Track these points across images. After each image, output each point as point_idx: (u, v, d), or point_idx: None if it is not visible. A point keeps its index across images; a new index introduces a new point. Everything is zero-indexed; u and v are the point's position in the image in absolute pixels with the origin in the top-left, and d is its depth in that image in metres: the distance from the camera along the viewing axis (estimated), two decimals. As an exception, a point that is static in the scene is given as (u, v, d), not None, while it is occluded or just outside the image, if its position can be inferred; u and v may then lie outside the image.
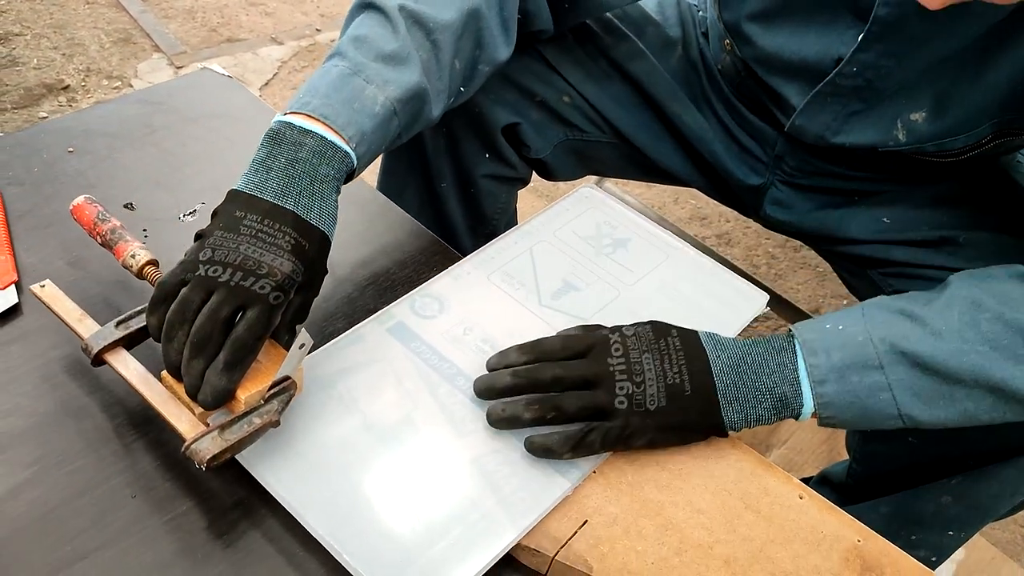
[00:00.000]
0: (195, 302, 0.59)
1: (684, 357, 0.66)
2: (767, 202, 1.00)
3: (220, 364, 0.58)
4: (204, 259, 0.61)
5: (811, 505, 0.66)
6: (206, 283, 0.60)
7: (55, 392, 0.67)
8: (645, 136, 1.00)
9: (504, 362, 0.68)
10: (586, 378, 0.65)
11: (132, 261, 0.70)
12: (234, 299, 0.59)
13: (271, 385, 0.61)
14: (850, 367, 0.66)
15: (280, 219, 0.62)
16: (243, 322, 0.59)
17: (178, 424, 0.60)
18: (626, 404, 0.64)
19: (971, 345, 0.65)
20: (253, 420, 0.60)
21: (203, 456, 0.57)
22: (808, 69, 0.82)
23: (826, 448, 1.44)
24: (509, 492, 0.63)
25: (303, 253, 0.63)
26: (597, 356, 0.66)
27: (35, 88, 1.88)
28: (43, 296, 0.69)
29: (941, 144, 0.81)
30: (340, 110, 0.66)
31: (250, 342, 0.59)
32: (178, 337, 0.59)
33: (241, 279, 0.60)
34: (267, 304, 0.60)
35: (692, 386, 0.65)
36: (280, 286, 0.61)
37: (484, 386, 0.67)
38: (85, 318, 0.67)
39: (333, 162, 0.65)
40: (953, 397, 0.66)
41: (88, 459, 0.63)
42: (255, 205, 0.63)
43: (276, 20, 2.30)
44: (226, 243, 0.61)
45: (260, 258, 0.61)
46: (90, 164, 0.87)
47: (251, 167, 0.65)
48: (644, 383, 0.65)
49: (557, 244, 0.83)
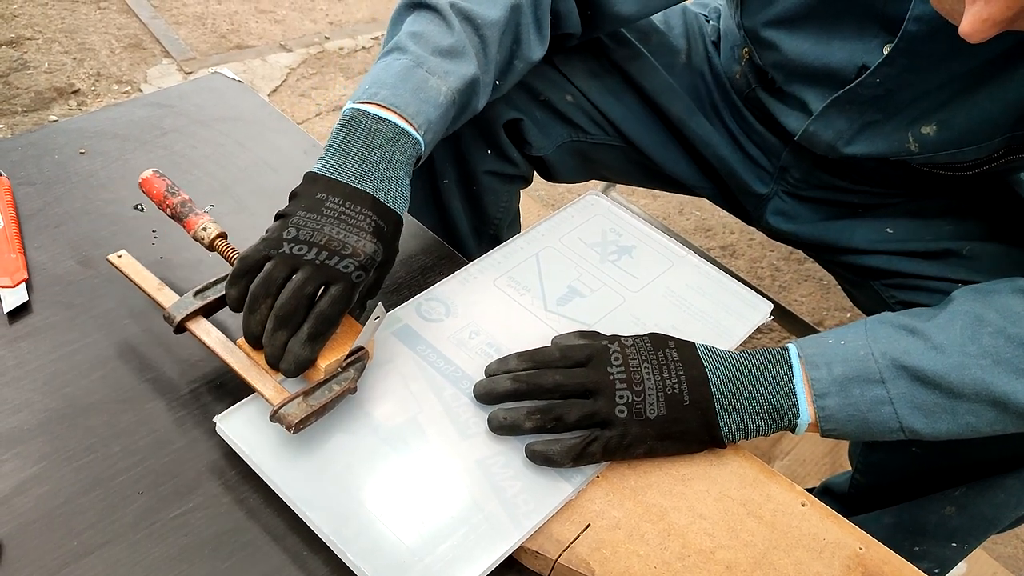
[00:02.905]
0: (279, 277, 0.63)
1: (682, 368, 0.67)
2: (769, 211, 1.01)
3: (304, 336, 0.62)
4: (288, 238, 0.64)
5: (813, 512, 0.66)
6: (291, 260, 0.63)
7: (65, 389, 0.67)
8: (649, 139, 1.00)
9: (504, 368, 0.69)
10: (586, 386, 0.66)
11: (203, 234, 0.73)
12: (319, 276, 0.63)
13: (347, 355, 0.65)
14: (852, 380, 0.67)
15: (360, 202, 0.66)
16: (327, 298, 0.63)
17: (263, 389, 0.63)
18: (626, 413, 0.65)
19: (973, 359, 0.65)
20: (333, 387, 0.64)
21: (291, 420, 0.61)
22: (830, 76, 0.83)
23: (828, 460, 1.44)
24: (513, 495, 0.63)
25: (382, 234, 0.67)
26: (597, 365, 0.67)
27: (45, 92, 1.89)
28: (120, 265, 0.72)
29: (952, 155, 0.82)
30: (409, 100, 0.69)
31: (333, 317, 0.63)
32: (260, 310, 0.63)
33: (326, 258, 0.63)
34: (350, 282, 0.64)
35: (691, 397, 0.66)
36: (362, 265, 0.64)
37: (484, 390, 0.67)
38: (163, 287, 0.70)
39: (405, 148, 0.69)
40: (955, 411, 0.66)
41: (96, 455, 0.64)
42: (335, 188, 0.66)
43: (285, 27, 2.31)
44: (310, 223, 0.65)
45: (344, 239, 0.64)
46: (101, 165, 0.88)
47: (328, 151, 0.68)
48: (644, 392, 0.65)
49: (563, 250, 0.84)
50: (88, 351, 0.71)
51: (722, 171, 1.00)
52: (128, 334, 0.72)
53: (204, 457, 0.65)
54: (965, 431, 0.67)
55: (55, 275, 0.76)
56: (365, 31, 2.37)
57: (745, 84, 0.96)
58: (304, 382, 0.65)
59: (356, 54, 2.28)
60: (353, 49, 2.29)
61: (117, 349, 0.71)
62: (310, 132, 1.97)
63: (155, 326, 0.73)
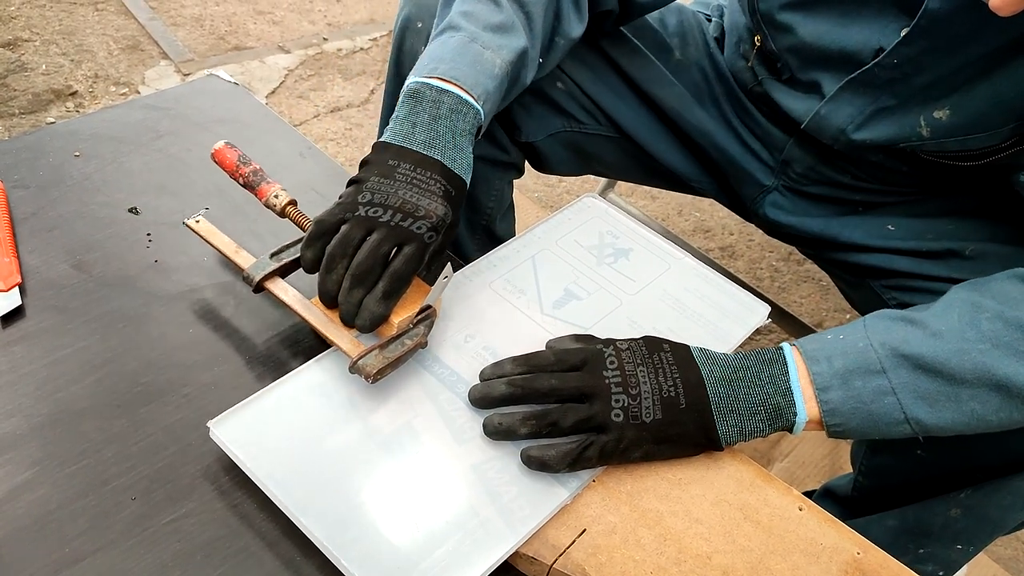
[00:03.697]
0: (356, 238, 0.66)
1: (678, 371, 0.67)
2: (768, 205, 1.00)
3: (379, 293, 0.66)
4: (364, 201, 0.67)
5: (810, 517, 0.66)
6: (366, 222, 0.67)
7: (57, 394, 0.67)
8: (643, 130, 1.00)
9: (499, 372, 0.68)
10: (581, 390, 0.65)
11: (275, 201, 0.76)
12: (394, 237, 0.66)
13: (417, 312, 0.69)
14: (853, 372, 0.67)
15: (430, 167, 0.70)
16: (400, 257, 0.66)
17: (340, 343, 0.67)
18: (622, 417, 0.64)
19: (972, 344, 0.65)
20: (405, 341, 0.68)
21: (370, 371, 0.65)
22: (846, 59, 0.83)
23: (828, 462, 1.43)
24: (508, 500, 0.63)
25: (451, 198, 0.70)
26: (592, 369, 0.66)
27: (43, 94, 1.89)
28: (199, 230, 0.76)
29: (963, 142, 0.81)
30: (467, 72, 0.73)
31: (406, 275, 0.67)
32: (337, 269, 0.66)
33: (400, 220, 0.67)
34: (422, 242, 0.67)
35: (687, 400, 0.65)
36: (434, 227, 0.68)
37: (479, 395, 0.67)
38: (240, 250, 0.74)
39: (468, 118, 0.72)
40: (959, 398, 0.66)
41: (89, 461, 0.63)
42: (406, 155, 0.70)
43: (283, 29, 2.31)
44: (384, 188, 0.68)
45: (417, 202, 0.68)
46: (96, 168, 0.88)
47: (395, 122, 0.72)
48: (640, 395, 0.65)
49: (559, 253, 0.84)
50: (81, 356, 0.70)
51: (721, 162, 0.99)
52: (122, 338, 0.72)
53: (197, 462, 0.64)
54: (971, 421, 0.66)
55: (48, 279, 0.76)
56: (363, 32, 2.37)
57: (751, 77, 0.96)
58: (376, 338, 0.69)
59: (354, 55, 2.27)
60: (351, 50, 2.29)
61: (111, 354, 0.71)
62: (308, 134, 1.97)
63: (152, 328, 0.73)
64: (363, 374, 0.65)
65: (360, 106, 2.09)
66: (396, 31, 0.92)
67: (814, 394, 0.67)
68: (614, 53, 0.96)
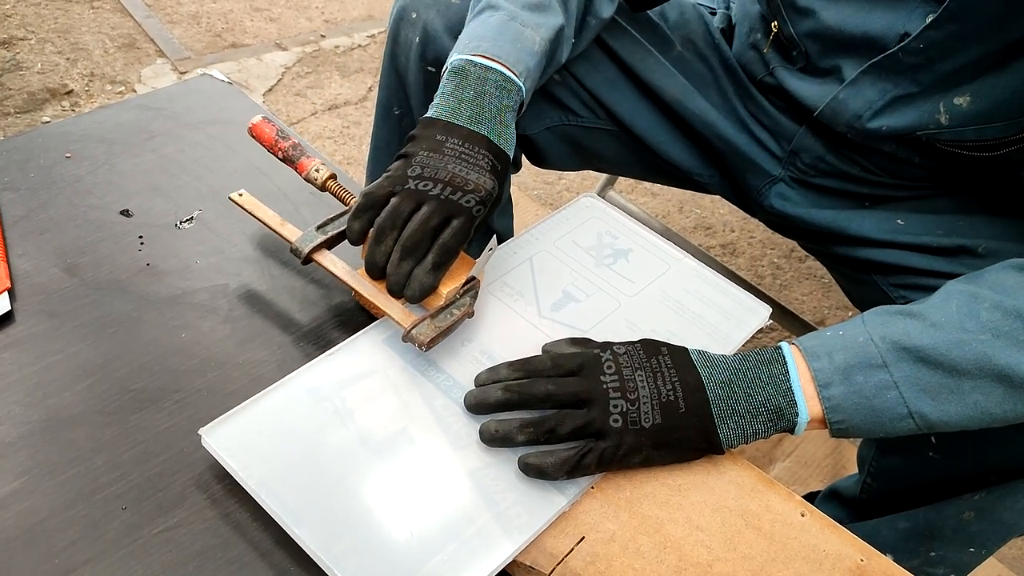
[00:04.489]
0: (405, 211, 0.68)
1: (676, 374, 0.66)
2: (773, 195, 0.99)
3: (428, 265, 0.67)
4: (413, 175, 0.69)
5: (813, 523, 0.65)
6: (416, 195, 0.68)
7: (47, 401, 0.66)
8: (643, 122, 0.99)
9: (494, 378, 0.67)
10: (579, 396, 0.64)
11: (316, 175, 0.78)
12: (443, 210, 0.68)
13: (463, 283, 0.71)
14: (854, 367, 0.66)
15: (478, 142, 0.71)
16: (450, 230, 0.68)
17: (392, 312, 0.69)
18: (620, 422, 0.63)
19: (972, 335, 0.64)
20: (453, 311, 0.70)
21: (424, 339, 0.67)
22: (869, 44, 0.82)
23: (831, 461, 1.42)
24: (505, 507, 0.61)
25: (497, 172, 0.72)
26: (589, 374, 0.65)
27: (38, 93, 1.88)
28: (243, 203, 0.77)
29: (980, 132, 0.80)
30: (509, 50, 0.75)
31: (455, 248, 0.68)
32: (386, 241, 0.68)
33: (450, 193, 0.68)
34: (470, 216, 0.69)
35: (687, 403, 0.64)
36: (482, 200, 0.69)
37: (475, 401, 0.66)
38: (286, 223, 0.75)
39: (511, 95, 0.74)
40: (961, 390, 0.64)
41: (79, 469, 0.62)
42: (454, 130, 0.71)
43: (280, 26, 2.30)
44: (433, 162, 0.70)
45: (466, 176, 0.69)
46: (88, 170, 0.87)
47: (440, 98, 0.73)
48: (639, 400, 0.64)
49: (557, 254, 0.82)
50: (72, 361, 0.69)
51: (726, 152, 0.98)
52: (113, 343, 0.71)
53: (189, 470, 0.63)
54: (976, 414, 0.65)
55: (39, 283, 0.75)
56: (361, 29, 2.35)
57: (762, 67, 0.95)
58: (423, 309, 0.70)
59: (352, 52, 2.26)
60: (349, 47, 2.27)
61: (102, 359, 0.70)
62: (306, 132, 1.95)
63: (144, 333, 0.72)
64: (417, 343, 0.67)
65: (358, 103, 2.08)
66: (391, 23, 0.92)
67: (816, 391, 0.66)
68: (614, 46, 0.95)
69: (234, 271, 0.79)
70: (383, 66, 0.97)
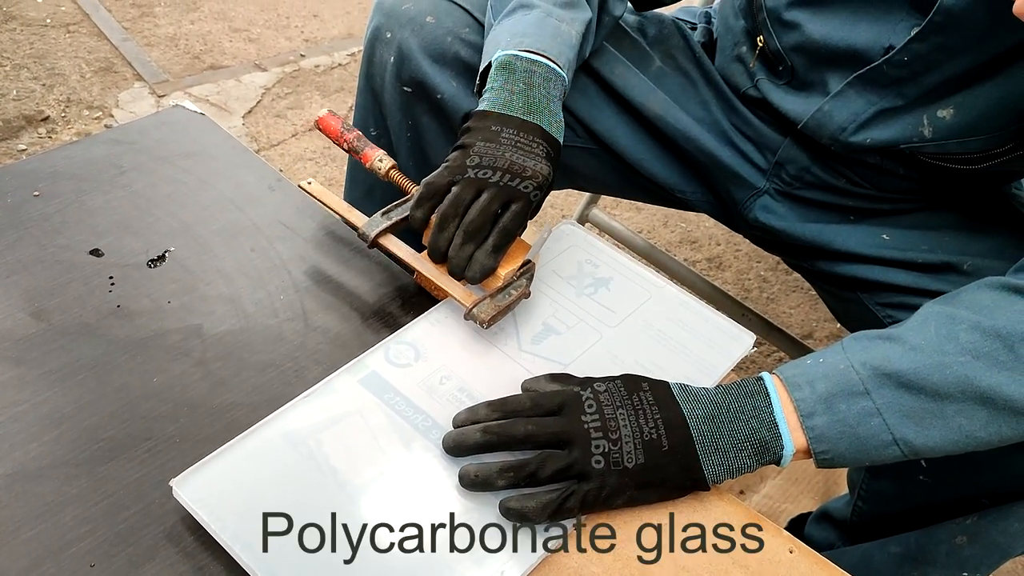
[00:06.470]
0: (467, 198, 0.72)
1: (659, 411, 0.64)
2: (758, 208, 0.98)
3: (489, 247, 0.72)
4: (472, 164, 0.73)
5: (802, 560, 0.63)
6: (476, 183, 0.72)
7: (13, 453, 0.64)
8: (625, 140, 0.98)
9: (473, 418, 0.66)
10: (560, 437, 0.63)
11: (379, 165, 0.83)
12: (503, 196, 0.72)
13: (520, 265, 0.75)
14: (836, 395, 0.65)
15: (532, 131, 0.75)
16: (509, 214, 0.72)
17: (454, 292, 0.74)
18: (603, 463, 0.62)
19: (952, 357, 0.64)
20: (511, 292, 0.74)
21: (484, 317, 0.71)
22: (855, 57, 0.83)
23: (822, 478, 1.41)
24: (486, 553, 0.60)
25: (551, 159, 0.76)
26: (570, 413, 0.64)
27: (14, 120, 1.86)
28: (312, 191, 0.82)
29: (964, 144, 0.81)
30: (550, 44, 0.80)
31: (514, 231, 0.73)
32: (449, 228, 0.72)
33: (508, 180, 0.73)
34: (528, 200, 0.73)
35: (670, 441, 0.63)
36: (539, 186, 0.74)
37: (453, 443, 0.64)
38: (353, 210, 0.81)
39: (557, 85, 0.79)
40: (944, 415, 0.64)
41: (46, 525, 0.60)
42: (508, 121, 0.75)
43: (260, 46, 2.28)
44: (490, 151, 0.73)
45: (524, 163, 0.73)
46: (56, 208, 0.85)
47: (491, 92, 0.77)
48: (620, 440, 0.63)
49: (537, 284, 0.81)
50: (39, 411, 0.67)
51: (709, 166, 0.97)
52: (82, 391, 0.69)
53: (160, 523, 0.61)
54: (960, 438, 0.64)
55: (5, 329, 0.73)
56: (341, 48, 2.34)
57: (746, 80, 0.95)
58: (481, 290, 0.74)
59: (332, 71, 2.24)
60: (329, 66, 2.26)
61: (70, 408, 0.68)
62: (286, 154, 1.94)
63: (114, 379, 0.70)
64: (478, 320, 0.71)
65: (339, 124, 2.06)
66: (366, 42, 0.91)
67: (799, 422, 0.65)
68: (594, 64, 0.95)
69: (207, 310, 0.77)
70: (359, 86, 0.96)
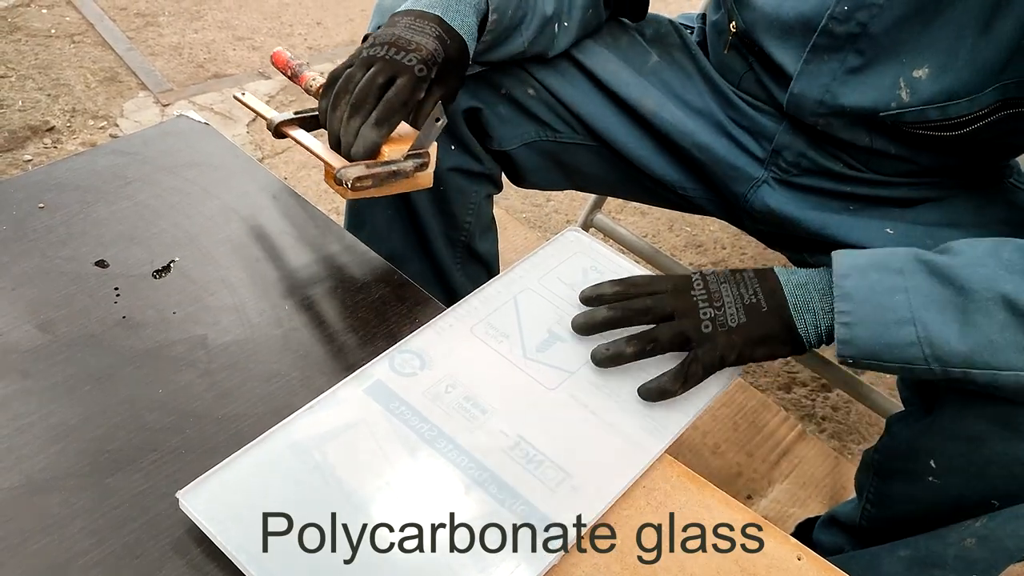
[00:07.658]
0: (357, 76, 0.74)
1: (757, 282, 0.74)
2: (757, 198, 0.99)
3: (372, 120, 0.72)
4: (367, 46, 0.76)
5: (810, 567, 0.63)
6: (367, 60, 0.74)
7: (20, 465, 0.64)
8: (622, 135, 0.99)
9: (598, 292, 0.77)
10: (673, 309, 0.73)
11: (312, 83, 0.84)
12: (388, 70, 0.73)
13: (408, 148, 0.75)
14: (873, 266, 0.71)
15: (428, 18, 0.77)
16: (393, 88, 0.73)
17: (328, 157, 0.74)
18: (711, 327, 0.72)
19: (989, 268, 0.68)
20: (391, 166, 0.74)
21: (350, 175, 0.71)
22: (806, 26, 0.84)
23: (830, 480, 1.41)
24: (497, 560, 0.60)
25: (445, 44, 0.77)
26: (680, 291, 0.74)
27: (19, 131, 1.86)
28: (247, 101, 0.86)
29: (944, 109, 0.81)
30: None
31: (397, 104, 0.73)
32: (341, 106, 0.73)
33: (394, 53, 0.74)
34: (413, 75, 0.74)
35: (768, 304, 0.73)
36: (424, 60, 0.74)
37: (583, 321, 0.75)
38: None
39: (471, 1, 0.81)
40: (966, 309, 0.67)
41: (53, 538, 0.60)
42: (409, 12, 0.79)
43: (263, 54, 2.29)
44: (384, 33, 0.76)
45: (410, 38, 0.75)
46: (61, 220, 0.85)
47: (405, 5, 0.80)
48: (724, 306, 0.73)
49: (542, 292, 0.81)
50: (45, 423, 0.67)
51: (706, 161, 0.98)
52: (88, 402, 0.69)
53: (167, 535, 0.61)
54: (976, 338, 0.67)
55: (10, 342, 0.73)
56: (344, 54, 2.34)
57: (736, 67, 0.96)
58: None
59: (336, 79, 2.25)
60: (333, 74, 2.26)
61: (76, 419, 0.68)
62: (290, 162, 1.94)
63: (120, 390, 0.70)
64: (344, 180, 0.71)
65: (343, 131, 2.07)
66: None
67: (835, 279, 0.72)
68: (588, 61, 0.95)
69: (212, 321, 0.77)
70: None
